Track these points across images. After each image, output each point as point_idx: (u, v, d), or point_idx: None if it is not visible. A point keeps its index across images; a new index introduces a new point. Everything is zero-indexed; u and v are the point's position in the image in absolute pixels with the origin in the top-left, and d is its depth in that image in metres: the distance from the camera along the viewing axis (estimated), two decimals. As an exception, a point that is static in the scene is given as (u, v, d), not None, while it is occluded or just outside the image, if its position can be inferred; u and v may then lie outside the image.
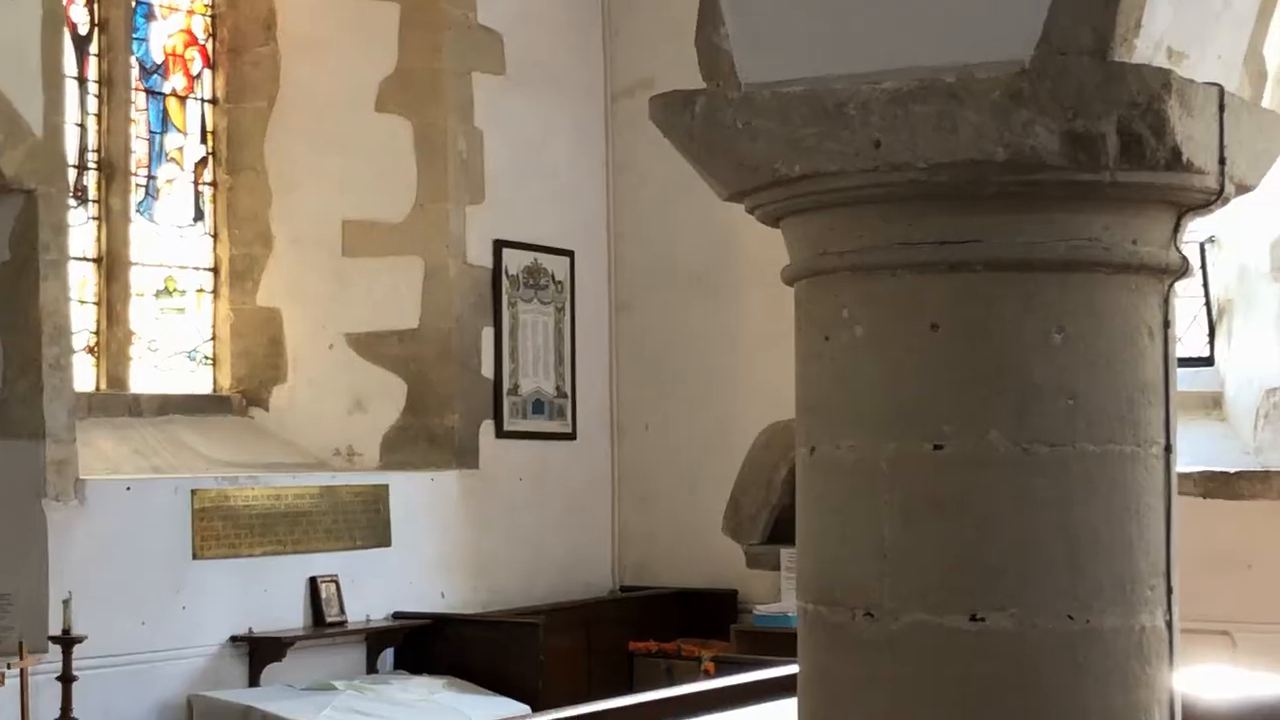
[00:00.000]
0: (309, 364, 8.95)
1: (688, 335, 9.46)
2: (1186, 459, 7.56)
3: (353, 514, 8.34)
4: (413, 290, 8.88)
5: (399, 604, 8.47)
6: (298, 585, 8.08)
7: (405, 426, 8.92)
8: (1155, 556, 2.86)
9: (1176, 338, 3.01)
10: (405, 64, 8.88)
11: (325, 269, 8.92)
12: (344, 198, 8.90)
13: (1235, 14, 3.02)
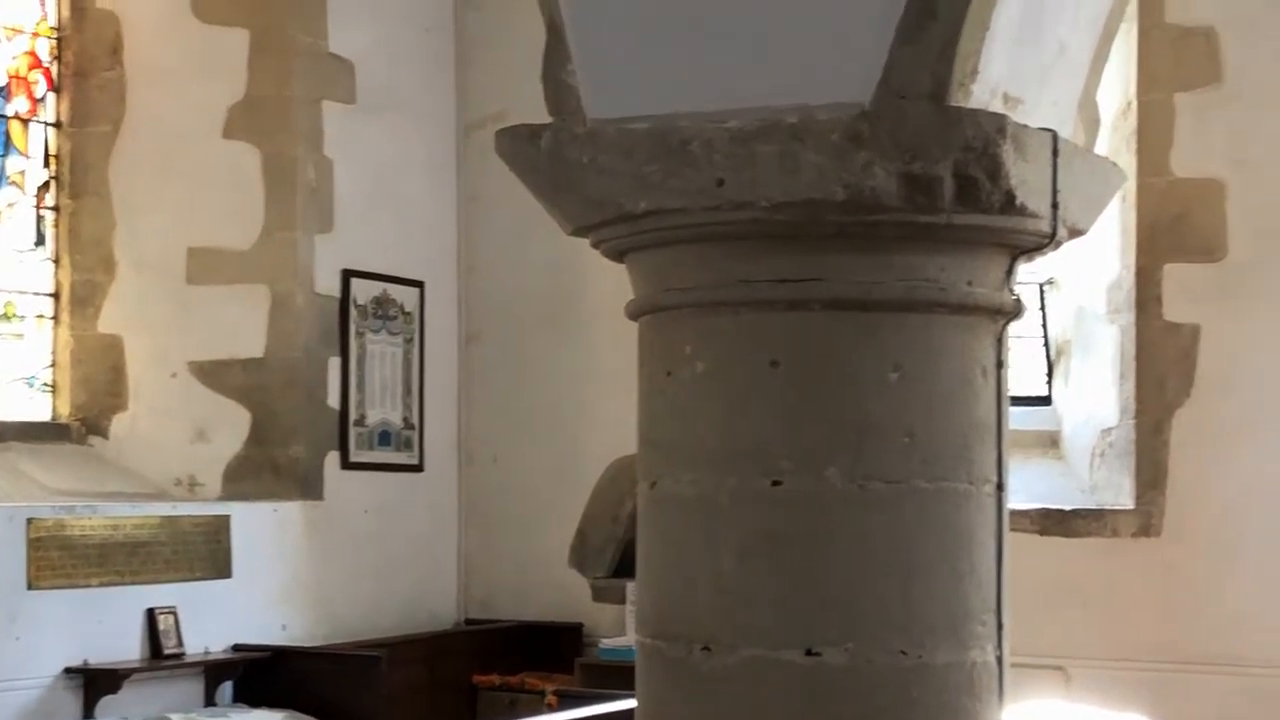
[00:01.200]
0: (151, 392, 8.83)
1: (537, 368, 9.46)
2: (1024, 496, 7.70)
3: (193, 545, 8.23)
4: (258, 319, 8.79)
5: (239, 636, 8.36)
6: (135, 616, 7.94)
7: (248, 457, 8.82)
8: (987, 593, 2.91)
9: (1010, 378, 3.07)
10: (254, 91, 8.80)
11: (169, 296, 8.81)
12: (190, 225, 8.80)
13: (1069, 62, 3.10)
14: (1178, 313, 7.49)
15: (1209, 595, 7.27)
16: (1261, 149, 7.28)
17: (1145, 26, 7.55)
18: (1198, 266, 7.44)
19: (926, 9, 2.75)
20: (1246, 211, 7.33)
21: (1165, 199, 7.50)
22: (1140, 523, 7.49)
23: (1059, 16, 3.02)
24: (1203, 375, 7.42)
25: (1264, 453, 7.21)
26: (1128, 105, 7.66)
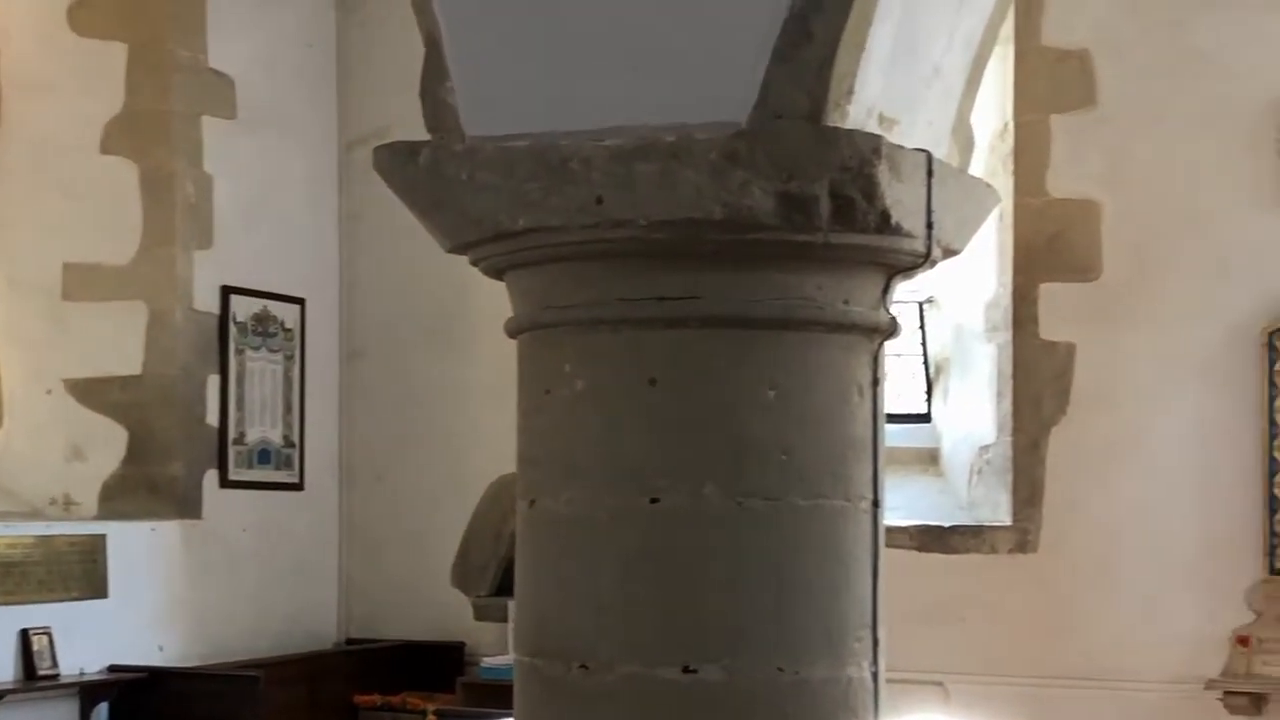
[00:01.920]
0: (25, 410, 8.69)
1: (419, 386, 9.42)
2: (903, 513, 7.77)
3: (68, 564, 8.11)
4: (136, 336, 8.68)
5: (115, 657, 8.25)
6: (8, 637, 7.82)
7: (125, 475, 8.71)
8: (863, 609, 2.93)
9: (887, 395, 3.10)
10: (133, 105, 8.71)
11: (44, 313, 8.68)
12: (66, 240, 8.68)
13: (944, 84, 3.13)
14: (1054, 331, 7.59)
15: (1084, 611, 7.37)
16: (1135, 170, 7.40)
17: (1022, 49, 7.65)
18: (1073, 286, 7.54)
19: (803, 30, 2.77)
20: (1120, 231, 7.44)
21: (1041, 219, 7.60)
22: (1017, 539, 7.58)
23: (933, 39, 3.05)
24: (1078, 393, 7.52)
25: (1137, 470, 7.32)
26: (1005, 126, 7.76)
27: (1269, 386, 7.05)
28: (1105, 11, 7.45)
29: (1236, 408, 7.14)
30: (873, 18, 2.82)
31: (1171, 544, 7.24)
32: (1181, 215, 7.28)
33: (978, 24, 3.17)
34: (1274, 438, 7.02)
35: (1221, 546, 7.14)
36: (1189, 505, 7.23)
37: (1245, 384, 7.12)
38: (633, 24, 2.83)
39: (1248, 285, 7.15)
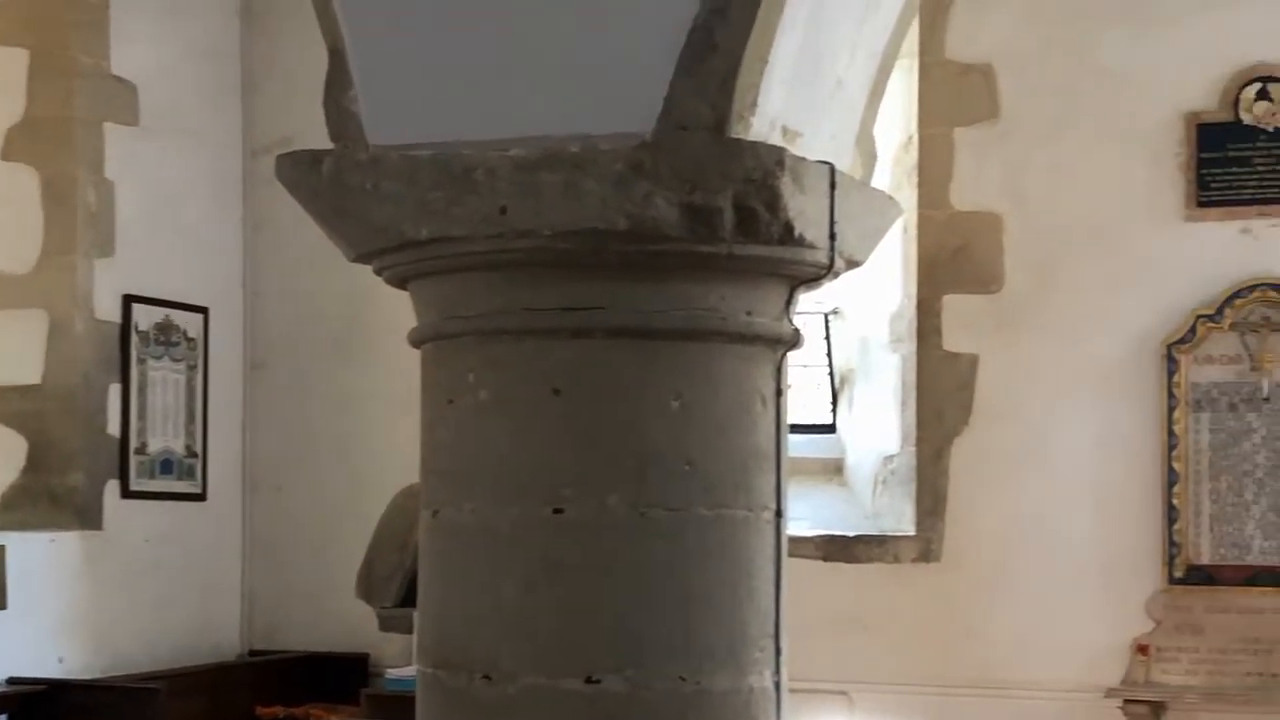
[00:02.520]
0: (-78, 419, 8.57)
1: (324, 395, 9.36)
2: (808, 523, 7.81)
3: (-35, 576, 7.99)
4: (35, 345, 8.57)
5: (13, 669, 8.13)
6: (-96, 651, 7.70)
7: (25, 486, 8.59)
8: (765, 619, 2.94)
9: (791, 406, 3.11)
10: (34, 112, 8.60)
11: (-58, 320, 8.56)
12: (-35, 247, 8.57)
13: (847, 97, 3.15)
14: (957, 343, 7.65)
15: (986, 619, 7.43)
16: (1036, 183, 7.47)
17: (926, 63, 7.71)
18: (976, 298, 7.60)
19: (707, 42, 2.78)
20: (1022, 244, 7.51)
21: (945, 232, 7.66)
22: (920, 548, 7.63)
23: (837, 53, 3.08)
24: (980, 404, 7.58)
25: (1038, 480, 7.39)
26: (909, 139, 7.81)
27: (1168, 398, 7.14)
28: (1008, 26, 7.53)
29: (1136, 419, 7.23)
30: (776, 31, 2.84)
31: (1072, 553, 7.31)
32: (1083, 228, 7.36)
33: (880, 38, 3.19)
34: (1173, 449, 7.12)
35: (1122, 556, 7.22)
36: (1090, 515, 7.30)
37: (1145, 395, 7.21)
38: (537, 34, 2.83)
39: (1148, 298, 7.24)
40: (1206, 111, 7.19)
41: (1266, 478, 7.00)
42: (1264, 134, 7.09)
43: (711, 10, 2.77)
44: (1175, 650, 7.10)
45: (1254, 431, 7.03)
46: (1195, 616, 7.07)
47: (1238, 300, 7.04)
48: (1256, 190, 7.10)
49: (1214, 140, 7.15)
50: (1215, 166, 7.15)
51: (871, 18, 3.11)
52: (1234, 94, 7.13)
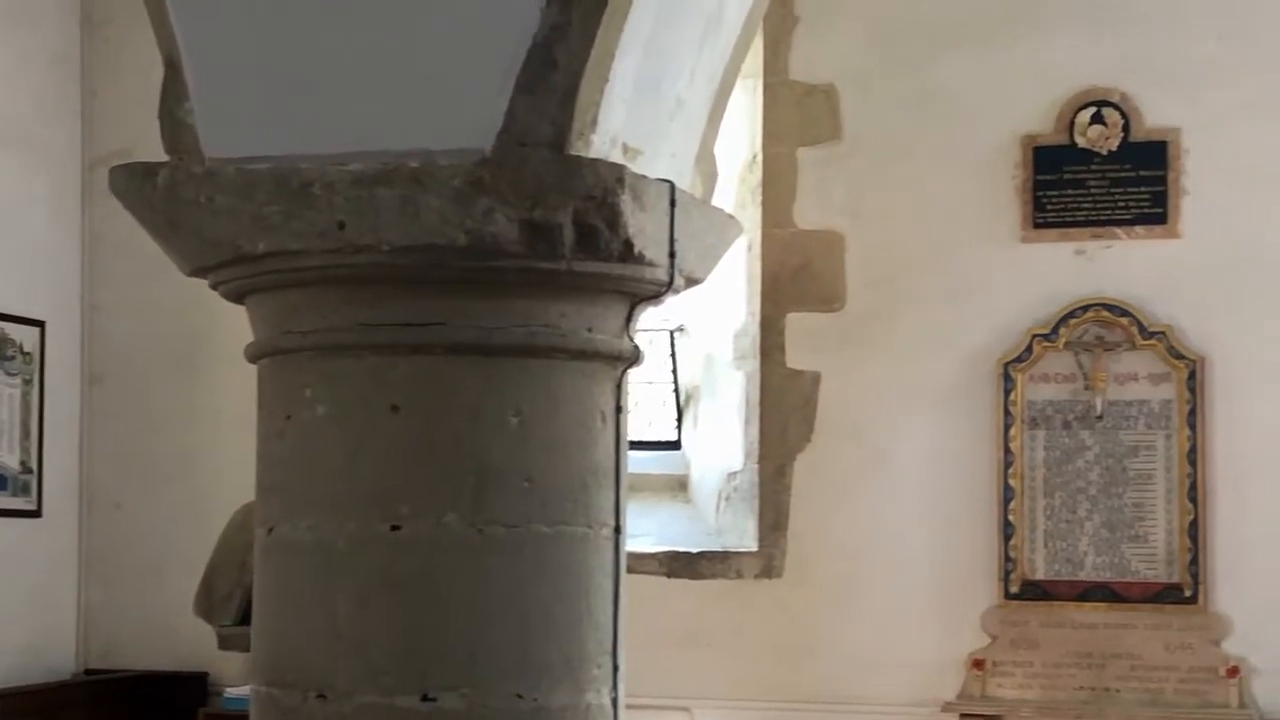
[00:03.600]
0: None
1: (164, 411, 9.23)
2: (653, 539, 7.83)
3: None
4: None
5: None
6: None
7: None
8: (603, 635, 2.95)
9: (631, 423, 3.12)
10: None
11: None
12: None
13: (688, 115, 3.17)
14: (800, 360, 7.72)
15: (827, 635, 7.49)
16: (877, 202, 7.56)
17: (770, 83, 7.78)
18: (819, 315, 7.68)
19: (547, 59, 2.79)
20: (863, 263, 7.60)
21: (788, 250, 7.73)
22: (763, 564, 7.68)
23: (677, 72, 3.10)
24: (822, 421, 7.65)
25: (879, 496, 7.48)
26: (753, 158, 7.88)
27: (1004, 416, 7.26)
28: (850, 48, 7.62)
29: (973, 436, 7.34)
30: (617, 50, 2.85)
31: (911, 569, 7.40)
32: (922, 248, 7.46)
33: (720, 59, 3.22)
34: (1008, 465, 7.23)
35: (959, 571, 7.32)
36: (928, 531, 7.40)
37: (981, 413, 7.32)
38: (376, 48, 2.82)
39: (985, 317, 7.36)
40: (1042, 135, 7.32)
41: (1099, 494, 7.13)
42: (1098, 157, 7.24)
43: (552, 28, 2.78)
44: (1010, 664, 7.21)
45: (1087, 449, 7.16)
46: (1030, 631, 7.18)
47: (1072, 320, 7.18)
48: (1090, 212, 7.24)
49: (1050, 163, 7.29)
50: (1051, 189, 7.29)
51: (711, 39, 3.14)
52: (1069, 118, 7.28)
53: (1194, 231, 7.12)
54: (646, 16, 2.88)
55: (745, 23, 3.26)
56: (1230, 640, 6.96)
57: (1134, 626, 7.04)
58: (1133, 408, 7.11)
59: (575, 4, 2.77)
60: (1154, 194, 7.15)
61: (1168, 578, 7.01)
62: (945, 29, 7.44)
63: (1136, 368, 7.11)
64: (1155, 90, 7.20)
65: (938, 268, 7.42)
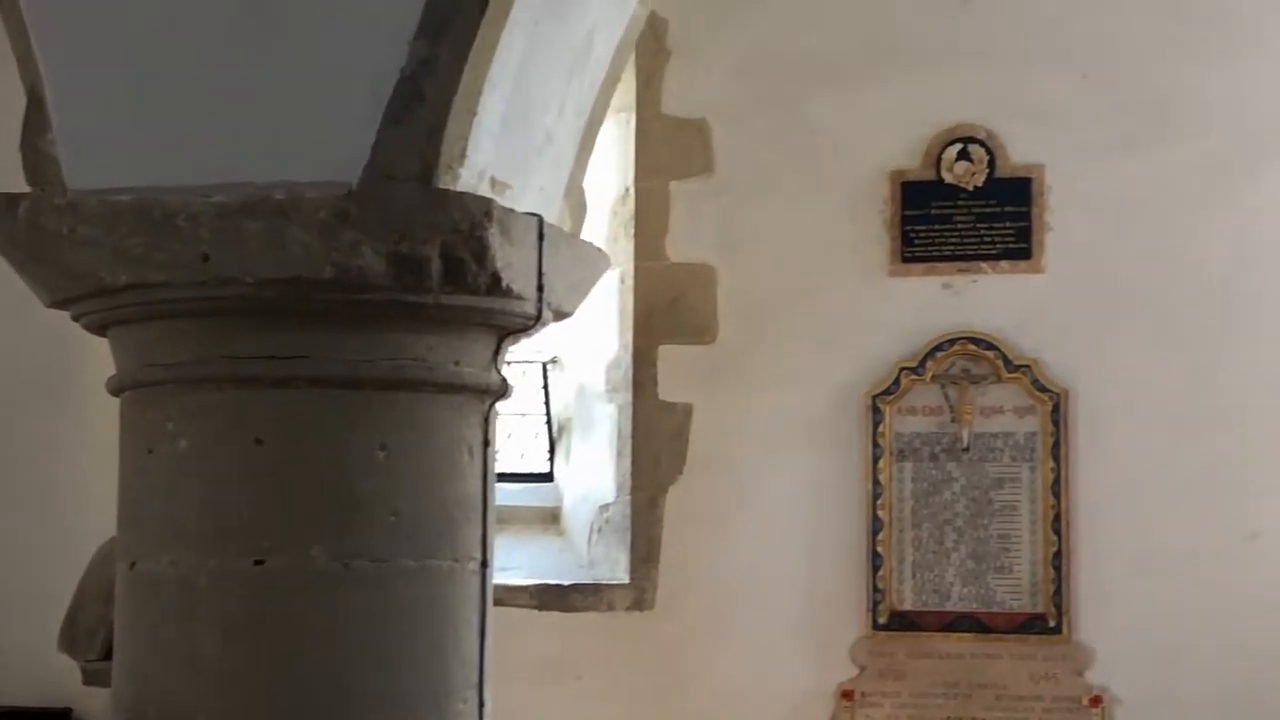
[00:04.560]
0: None
1: (28, 443, 9.07)
2: (524, 572, 7.81)
3: None
4: None
5: None
6: None
7: None
8: (469, 670, 2.94)
9: (496, 456, 3.12)
10: None
11: None
12: None
13: (556, 150, 3.19)
14: (672, 393, 7.74)
15: (698, 667, 7.50)
16: (748, 236, 7.61)
17: (643, 116, 7.81)
18: (691, 348, 7.70)
19: (414, 93, 2.79)
20: (735, 296, 7.64)
21: (661, 283, 7.76)
22: (634, 597, 7.68)
23: (546, 106, 3.11)
24: (694, 453, 7.67)
25: (749, 528, 7.50)
26: (626, 192, 7.90)
27: (872, 448, 7.32)
28: (722, 83, 7.67)
29: (842, 468, 7.39)
30: (485, 84, 2.86)
31: (781, 601, 7.43)
32: (793, 281, 7.51)
33: (589, 93, 3.24)
34: (878, 497, 7.29)
35: (829, 603, 7.36)
36: (798, 563, 7.43)
37: (850, 445, 7.37)
38: (242, 80, 2.81)
39: (854, 350, 7.41)
40: (910, 170, 7.41)
41: (966, 526, 7.21)
42: (964, 193, 7.34)
43: (419, 62, 2.78)
44: (878, 695, 7.25)
45: (954, 480, 7.24)
46: (898, 662, 7.24)
47: (939, 353, 7.26)
48: (957, 247, 7.33)
49: (917, 198, 7.37)
50: (919, 223, 7.37)
51: (580, 73, 3.16)
52: (936, 154, 7.37)
53: (1057, 266, 7.23)
54: (515, 51, 2.90)
55: (613, 58, 3.28)
56: (1093, 670, 7.06)
57: (999, 657, 7.12)
58: (998, 440, 7.20)
59: (443, 38, 2.78)
60: (1018, 229, 7.26)
61: (1032, 608, 7.10)
62: (816, 65, 7.51)
63: (1002, 400, 7.21)
64: (1020, 128, 7.31)
65: (808, 301, 7.48)
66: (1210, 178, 7.09)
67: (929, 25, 7.39)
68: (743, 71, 7.63)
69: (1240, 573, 6.94)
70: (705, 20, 7.68)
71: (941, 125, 7.37)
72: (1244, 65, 7.08)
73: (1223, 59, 7.09)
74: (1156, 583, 7.00)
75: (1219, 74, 7.09)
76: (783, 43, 7.57)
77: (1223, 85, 7.09)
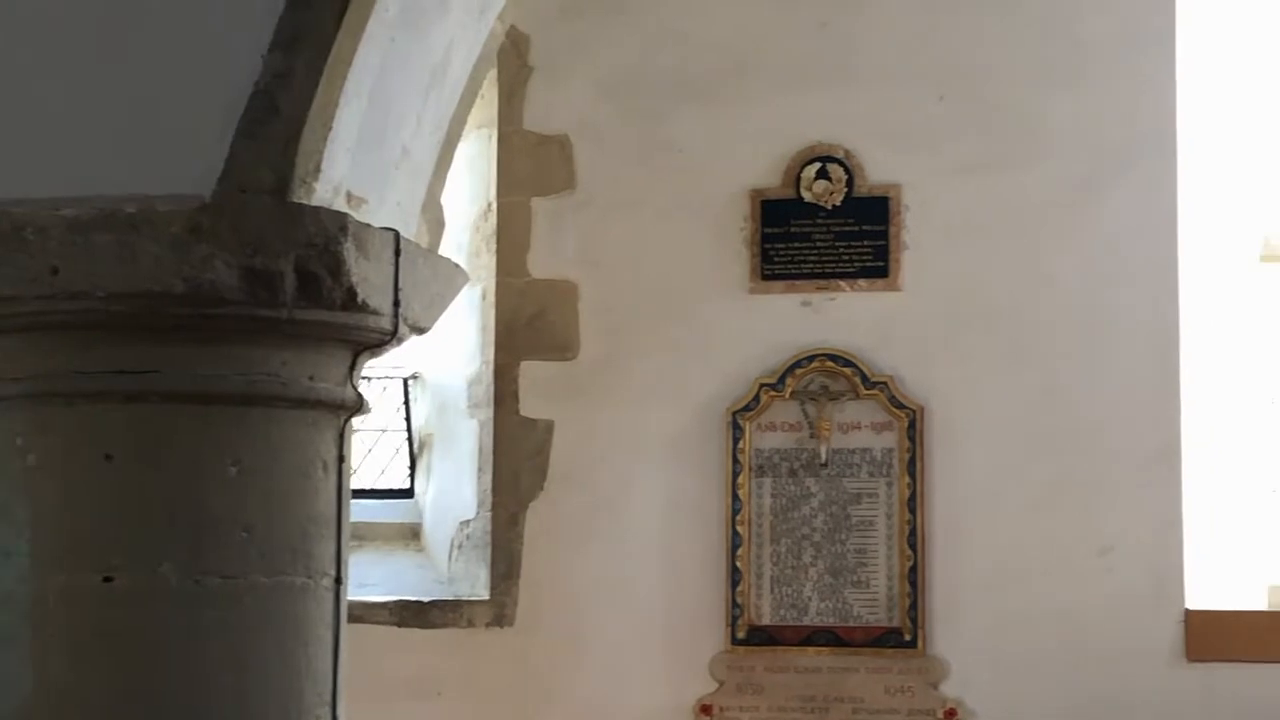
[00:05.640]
0: None
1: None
2: (383, 589, 7.76)
3: None
4: None
5: None
6: None
7: None
8: (322, 687, 2.93)
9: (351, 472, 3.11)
10: None
11: None
12: None
13: (413, 164, 3.18)
14: (533, 409, 7.73)
15: (559, 683, 7.50)
16: (610, 252, 7.62)
17: (505, 132, 7.80)
18: (552, 364, 7.70)
19: (269, 106, 2.78)
20: (597, 312, 7.65)
21: (523, 298, 7.75)
22: (494, 613, 7.66)
23: (403, 121, 3.11)
24: (555, 469, 7.67)
25: (611, 544, 7.51)
26: (488, 207, 7.89)
27: (732, 464, 7.36)
28: (584, 100, 7.68)
29: (703, 484, 7.42)
30: (341, 97, 2.85)
31: (642, 616, 7.44)
32: (654, 298, 7.54)
33: (446, 108, 3.24)
34: (737, 513, 7.33)
35: (688, 618, 7.38)
36: (658, 578, 7.45)
37: (710, 461, 7.41)
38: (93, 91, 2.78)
39: (715, 367, 7.45)
40: (770, 189, 7.47)
41: (823, 541, 7.27)
42: (823, 211, 7.40)
43: (274, 74, 2.77)
44: (737, 710, 7.29)
45: (813, 496, 7.30)
46: (756, 676, 7.28)
47: (798, 369, 7.32)
48: (816, 265, 7.39)
49: (777, 216, 7.43)
50: (778, 241, 7.43)
51: (437, 89, 3.15)
52: (795, 172, 7.43)
53: (914, 284, 7.32)
54: (371, 65, 2.89)
55: (471, 73, 3.28)
56: (948, 683, 7.14)
57: (856, 670, 7.18)
58: (856, 456, 7.27)
59: (298, 51, 2.77)
60: (876, 248, 7.34)
61: (888, 622, 7.18)
62: (678, 83, 7.55)
63: (860, 417, 7.28)
64: (878, 148, 7.40)
65: (669, 317, 7.51)
66: (1063, 198, 7.22)
67: (789, 46, 7.46)
68: (605, 88, 7.65)
69: (1092, 586, 7.06)
70: (568, 37, 7.69)
71: (801, 144, 7.44)
72: (1096, 88, 7.22)
73: (1075, 82, 7.23)
74: (1010, 596, 7.10)
75: (1072, 96, 7.22)
76: (645, 60, 7.61)
77: (1075, 107, 7.22)
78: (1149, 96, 7.20)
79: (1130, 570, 7.06)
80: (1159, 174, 7.17)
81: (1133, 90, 7.22)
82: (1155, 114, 7.20)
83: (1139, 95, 7.21)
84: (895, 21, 7.41)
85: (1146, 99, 7.20)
